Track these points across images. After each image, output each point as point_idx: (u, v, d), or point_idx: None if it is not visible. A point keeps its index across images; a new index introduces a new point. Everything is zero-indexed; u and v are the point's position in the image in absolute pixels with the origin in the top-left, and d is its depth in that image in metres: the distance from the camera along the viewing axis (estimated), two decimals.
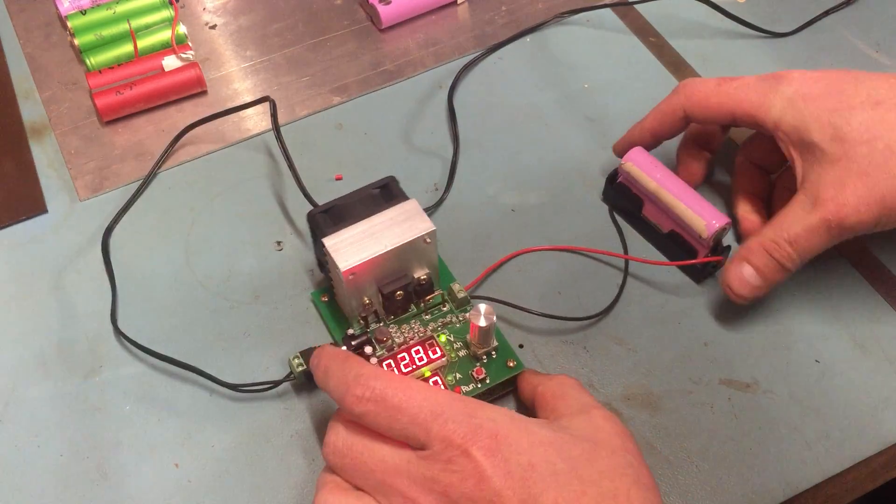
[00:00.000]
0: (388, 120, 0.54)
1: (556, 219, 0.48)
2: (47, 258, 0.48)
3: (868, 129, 0.38)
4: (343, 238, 0.40)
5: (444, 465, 0.30)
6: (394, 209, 0.40)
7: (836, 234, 0.39)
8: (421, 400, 0.31)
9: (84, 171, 0.51)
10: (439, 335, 0.41)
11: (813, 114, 0.39)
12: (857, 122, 0.39)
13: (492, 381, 0.40)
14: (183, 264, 0.47)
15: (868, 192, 0.38)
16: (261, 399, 0.42)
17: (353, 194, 0.42)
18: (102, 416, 0.42)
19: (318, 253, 0.43)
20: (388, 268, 0.40)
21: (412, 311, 0.43)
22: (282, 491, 0.39)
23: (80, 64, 0.57)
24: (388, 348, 0.41)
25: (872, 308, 0.44)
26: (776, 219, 0.41)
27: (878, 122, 0.38)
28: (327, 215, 0.41)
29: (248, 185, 0.51)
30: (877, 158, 0.38)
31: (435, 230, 0.40)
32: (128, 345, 0.44)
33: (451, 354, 0.41)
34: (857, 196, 0.38)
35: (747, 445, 0.40)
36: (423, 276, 0.41)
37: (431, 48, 0.57)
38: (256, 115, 0.54)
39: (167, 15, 0.58)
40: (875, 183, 0.38)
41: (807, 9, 0.59)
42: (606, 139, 0.52)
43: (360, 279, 0.40)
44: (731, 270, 0.42)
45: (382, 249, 0.39)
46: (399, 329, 0.42)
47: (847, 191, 0.38)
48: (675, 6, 0.59)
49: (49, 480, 0.40)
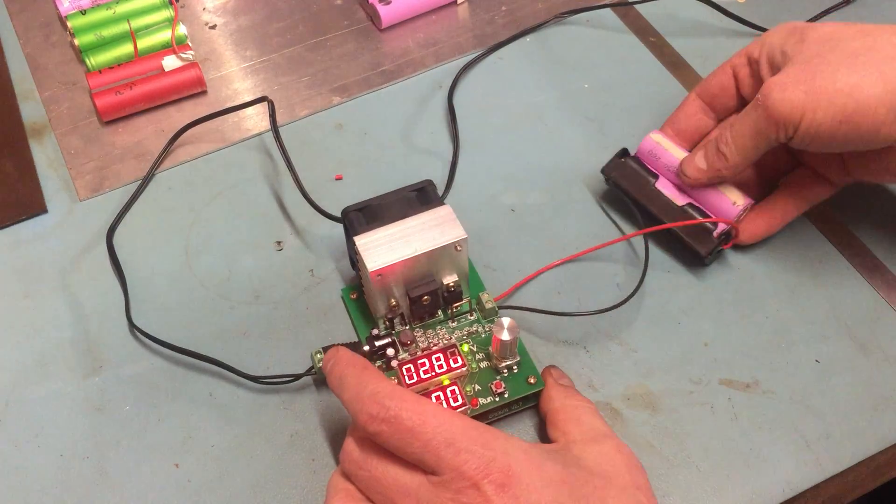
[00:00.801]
0: (388, 120, 0.54)
1: (556, 219, 0.48)
2: (47, 258, 0.48)
3: (831, 34, 0.40)
4: (374, 238, 0.40)
5: (454, 494, 0.30)
6: (428, 213, 0.40)
7: (777, 130, 0.40)
8: (435, 425, 0.31)
9: (84, 171, 0.51)
10: (462, 344, 0.41)
11: (791, 28, 0.42)
12: (822, 29, 0.40)
13: (510, 396, 0.40)
14: (183, 264, 0.47)
15: (815, 93, 0.38)
16: (261, 399, 0.42)
17: (389, 195, 0.42)
18: (102, 416, 0.42)
19: (349, 250, 0.43)
20: (417, 272, 0.40)
21: (438, 318, 0.43)
22: (282, 491, 0.39)
23: (80, 64, 0.57)
24: (411, 352, 0.41)
25: (872, 308, 0.44)
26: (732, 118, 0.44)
27: (841, 29, 0.40)
28: (361, 214, 0.41)
29: (248, 185, 0.51)
30: (830, 62, 0.39)
31: (466, 238, 0.40)
32: (128, 344, 0.44)
33: (472, 365, 0.41)
34: (801, 93, 0.38)
35: (747, 445, 0.40)
36: (452, 283, 0.41)
37: (431, 48, 0.57)
38: (256, 115, 0.54)
39: (167, 15, 0.58)
40: (823, 86, 0.38)
41: (807, 8, 0.59)
42: (606, 139, 0.52)
43: (388, 280, 0.40)
44: (688, 157, 0.45)
45: (412, 253, 0.39)
46: (423, 334, 0.42)
47: (790, 88, 0.39)
48: (675, 6, 0.59)
49: (49, 480, 0.40)
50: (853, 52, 0.38)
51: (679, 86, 0.55)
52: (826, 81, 0.38)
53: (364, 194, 0.49)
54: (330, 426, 0.41)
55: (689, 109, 0.47)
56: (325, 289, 0.46)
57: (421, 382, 0.39)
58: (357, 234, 0.40)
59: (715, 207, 0.45)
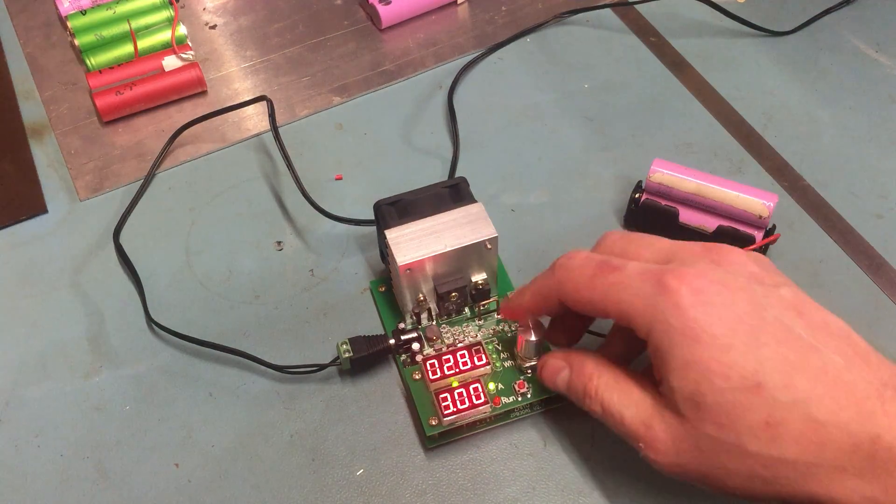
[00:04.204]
0: (388, 120, 0.54)
1: (556, 219, 0.48)
2: (47, 258, 0.48)
3: (728, 413, 0.31)
4: (405, 233, 0.40)
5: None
6: (459, 210, 0.40)
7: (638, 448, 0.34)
8: None
9: (84, 171, 0.51)
10: (488, 343, 0.42)
11: (679, 361, 0.32)
12: (719, 403, 0.31)
13: (533, 397, 0.40)
14: (183, 264, 0.47)
15: (689, 457, 0.32)
16: (261, 399, 0.42)
17: (421, 190, 0.42)
18: (102, 416, 0.42)
19: (380, 244, 0.43)
20: (447, 268, 0.40)
21: (465, 315, 0.43)
22: (282, 491, 0.39)
23: (80, 64, 0.57)
24: (436, 348, 0.41)
25: (874, 305, 0.44)
26: (624, 379, 0.35)
27: (744, 408, 0.31)
28: (393, 208, 0.41)
29: (248, 185, 0.51)
30: (712, 439, 0.31)
31: (497, 237, 0.40)
32: (132, 344, 0.44)
33: (496, 363, 0.41)
34: (672, 452, 0.33)
35: None
36: (481, 281, 0.41)
37: (431, 48, 0.57)
38: (256, 115, 0.54)
39: (167, 15, 0.58)
40: (701, 461, 0.32)
41: (807, 8, 0.59)
42: (606, 139, 0.52)
43: (417, 275, 0.40)
44: (553, 363, 0.38)
45: (442, 249, 0.39)
46: (450, 330, 0.42)
47: (667, 448, 0.33)
48: (675, 6, 0.59)
49: (49, 480, 0.40)
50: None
51: (679, 85, 0.55)
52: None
53: (364, 194, 0.49)
54: (330, 426, 0.41)
55: None
56: (326, 289, 0.46)
57: (444, 378, 0.40)
58: (388, 227, 0.40)
59: (743, 216, 0.44)
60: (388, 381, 0.42)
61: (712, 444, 0.31)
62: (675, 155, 0.51)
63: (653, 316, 0.32)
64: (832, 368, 0.31)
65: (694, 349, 0.31)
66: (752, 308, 0.32)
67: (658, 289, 0.32)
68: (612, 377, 0.35)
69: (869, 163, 0.50)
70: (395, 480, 0.39)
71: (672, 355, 0.32)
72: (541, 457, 0.40)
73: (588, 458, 0.39)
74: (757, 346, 0.31)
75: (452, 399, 0.39)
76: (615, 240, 0.37)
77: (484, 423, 0.40)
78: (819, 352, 0.31)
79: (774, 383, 0.30)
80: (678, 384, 0.32)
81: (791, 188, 0.49)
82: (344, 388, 0.42)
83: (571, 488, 0.39)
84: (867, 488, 0.30)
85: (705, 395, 0.31)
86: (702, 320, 0.31)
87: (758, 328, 0.31)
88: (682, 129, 0.52)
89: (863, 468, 0.30)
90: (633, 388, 0.34)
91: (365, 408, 0.41)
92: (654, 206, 0.46)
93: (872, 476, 0.29)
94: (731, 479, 0.32)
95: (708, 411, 0.31)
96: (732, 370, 0.31)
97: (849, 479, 0.30)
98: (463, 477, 0.39)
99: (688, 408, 0.32)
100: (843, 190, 0.49)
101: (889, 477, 0.29)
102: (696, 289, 0.32)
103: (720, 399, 0.31)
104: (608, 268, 0.34)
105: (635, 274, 0.33)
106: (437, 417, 0.39)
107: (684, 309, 0.31)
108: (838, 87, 0.54)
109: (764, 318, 0.31)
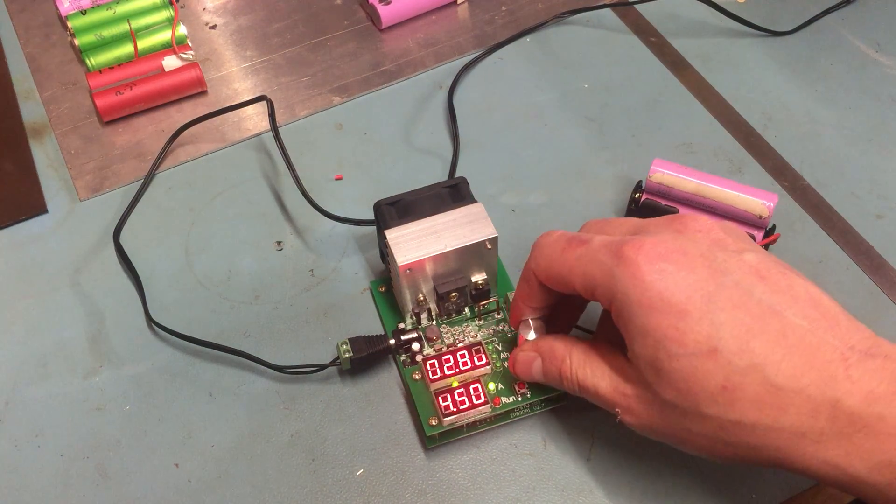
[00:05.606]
0: (388, 120, 0.54)
1: (556, 219, 0.48)
2: (47, 258, 0.48)
3: (685, 379, 0.31)
4: (405, 233, 0.40)
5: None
6: (459, 210, 0.40)
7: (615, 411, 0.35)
8: None
9: (84, 171, 0.51)
10: (488, 343, 0.42)
11: (638, 329, 0.32)
12: (676, 369, 0.31)
13: (532, 397, 0.40)
14: (183, 264, 0.47)
15: (657, 420, 0.33)
16: (261, 399, 0.42)
17: (421, 190, 0.42)
18: (102, 416, 0.42)
19: (380, 244, 0.43)
20: (447, 268, 0.40)
21: (465, 315, 0.43)
22: (282, 491, 0.39)
23: (80, 64, 0.57)
24: (436, 348, 0.41)
25: (874, 305, 0.44)
26: (593, 354, 0.36)
27: (700, 374, 0.31)
28: (393, 208, 0.41)
29: (248, 185, 0.51)
30: (673, 404, 0.32)
31: (497, 237, 0.40)
32: (133, 344, 0.44)
33: (496, 364, 0.41)
34: (644, 415, 0.34)
35: None
36: (481, 281, 0.41)
37: (431, 48, 0.57)
38: (256, 115, 0.54)
39: (167, 15, 0.58)
40: (668, 423, 0.33)
41: (807, 8, 0.59)
42: (606, 139, 0.52)
43: (417, 275, 0.40)
44: (523, 357, 0.38)
45: (442, 249, 0.39)
46: (450, 330, 0.42)
47: (639, 412, 0.34)
48: (675, 6, 0.59)
49: (49, 480, 0.40)
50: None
51: (679, 85, 0.55)
52: None
53: (364, 194, 0.49)
54: (330, 426, 0.41)
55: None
56: (326, 289, 0.46)
57: (444, 378, 0.39)
58: (388, 227, 0.40)
59: (744, 216, 0.44)
60: (388, 381, 0.42)
61: (674, 408, 0.32)
62: (675, 155, 0.51)
63: (613, 286, 0.33)
64: (793, 332, 0.30)
65: (650, 317, 0.31)
66: (709, 273, 0.32)
67: (616, 259, 0.33)
68: (583, 354, 0.36)
69: (869, 163, 0.50)
70: (395, 480, 0.39)
71: (632, 324, 0.32)
72: (541, 457, 0.40)
73: (588, 458, 0.39)
74: (713, 312, 0.31)
75: (452, 399, 0.39)
76: (595, 222, 0.38)
77: (484, 423, 0.40)
78: (779, 315, 0.31)
79: (730, 348, 0.30)
80: (639, 352, 0.32)
81: (791, 188, 0.49)
82: (344, 388, 0.42)
83: (571, 488, 0.39)
84: (828, 453, 0.30)
85: (663, 361, 0.31)
86: (658, 288, 0.31)
87: (714, 293, 0.31)
88: (682, 129, 0.52)
89: (823, 433, 0.30)
90: (604, 361, 0.35)
91: (365, 408, 0.41)
92: (654, 206, 0.46)
93: (833, 441, 0.29)
94: (696, 441, 0.33)
95: (667, 377, 0.31)
96: (687, 336, 0.31)
97: (809, 443, 0.30)
98: (463, 477, 0.39)
99: (649, 374, 0.32)
100: (843, 190, 0.49)
101: (849, 442, 0.29)
102: (653, 256, 0.32)
103: (677, 365, 0.31)
104: (576, 242, 0.35)
105: (599, 246, 0.34)
106: (437, 417, 0.39)
107: (640, 278, 0.32)
108: (838, 87, 0.54)
109: (722, 284, 0.31)
